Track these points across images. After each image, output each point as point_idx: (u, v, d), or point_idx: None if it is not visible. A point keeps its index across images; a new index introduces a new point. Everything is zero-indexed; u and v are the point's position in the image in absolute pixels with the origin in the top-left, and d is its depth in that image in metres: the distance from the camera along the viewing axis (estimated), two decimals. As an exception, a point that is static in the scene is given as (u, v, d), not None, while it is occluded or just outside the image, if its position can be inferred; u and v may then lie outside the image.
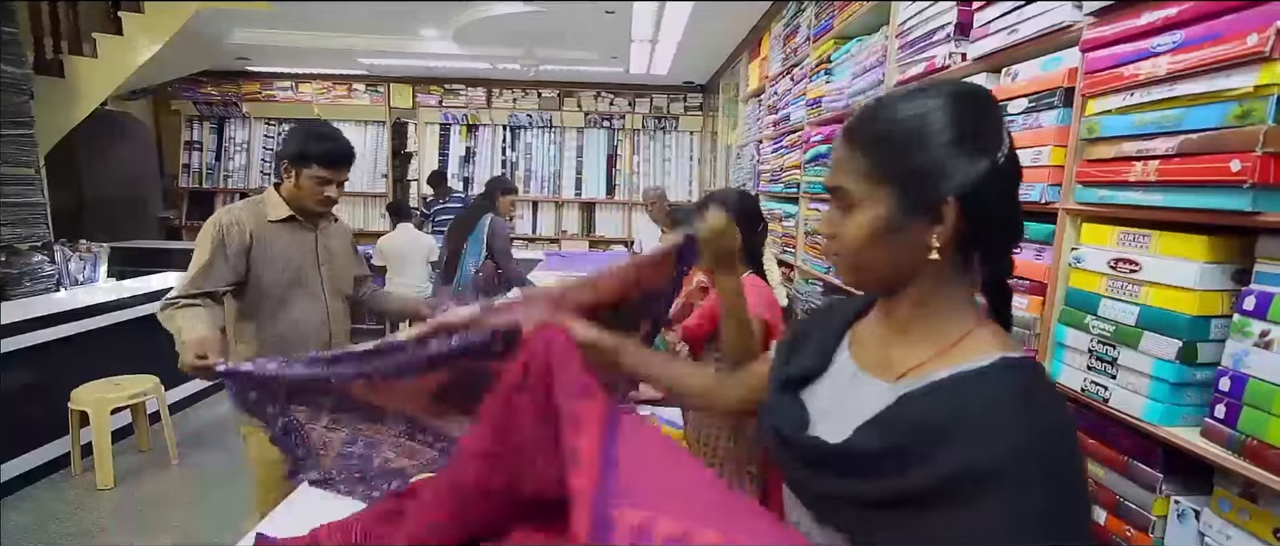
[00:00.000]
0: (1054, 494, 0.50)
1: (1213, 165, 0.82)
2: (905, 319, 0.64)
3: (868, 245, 0.61)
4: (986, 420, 0.53)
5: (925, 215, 0.58)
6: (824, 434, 0.63)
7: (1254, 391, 0.78)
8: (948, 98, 0.58)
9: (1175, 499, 0.92)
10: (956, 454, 0.52)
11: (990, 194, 0.57)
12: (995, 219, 0.59)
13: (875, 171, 0.59)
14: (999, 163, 0.57)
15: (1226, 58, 0.81)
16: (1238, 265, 0.86)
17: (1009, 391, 0.55)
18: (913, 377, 0.60)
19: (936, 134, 0.57)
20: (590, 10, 3.86)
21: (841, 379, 0.68)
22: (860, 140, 0.61)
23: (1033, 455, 0.51)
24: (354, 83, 6.48)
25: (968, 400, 0.55)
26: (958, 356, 0.59)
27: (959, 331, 0.61)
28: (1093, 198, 1.04)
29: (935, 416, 0.55)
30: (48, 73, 4.07)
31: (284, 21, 4.75)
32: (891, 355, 0.64)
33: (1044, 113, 1.17)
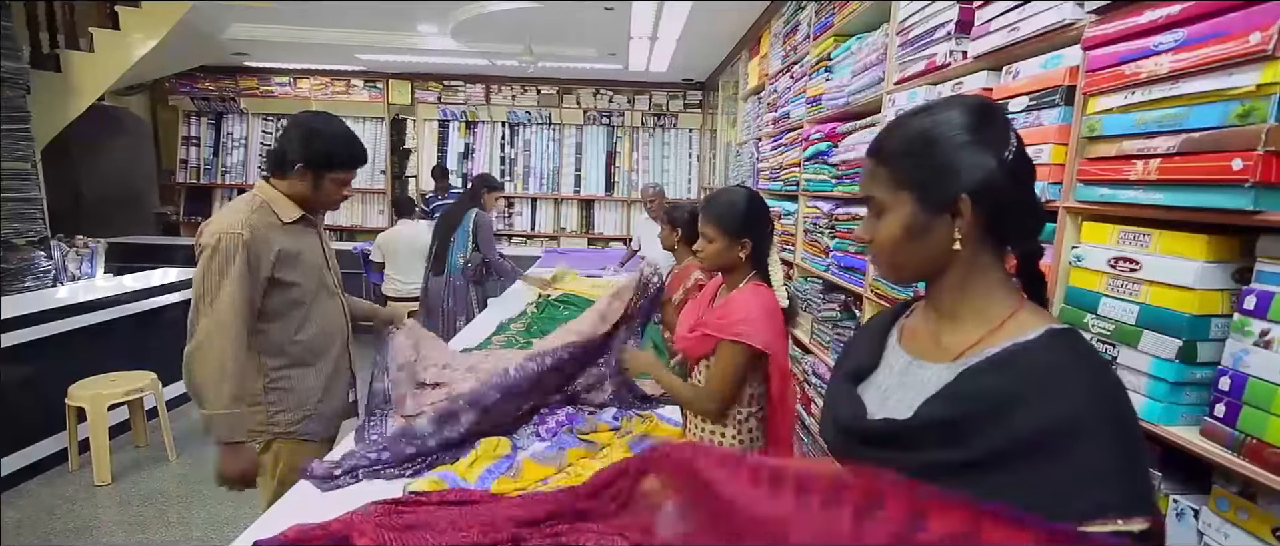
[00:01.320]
0: (1124, 441, 0.56)
1: (1214, 164, 0.82)
2: (950, 306, 0.71)
3: (899, 244, 0.69)
4: (1051, 382, 0.58)
5: (944, 212, 0.66)
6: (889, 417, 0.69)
7: (1254, 390, 0.78)
8: (956, 109, 0.66)
9: (1174, 498, 0.92)
10: (1029, 413, 0.57)
11: (1001, 187, 0.65)
12: (1011, 209, 0.67)
13: (896, 179, 0.68)
14: (1006, 159, 0.65)
15: (1228, 56, 0.80)
16: (1238, 264, 0.86)
17: (1066, 356, 0.61)
18: (969, 356, 0.66)
19: (947, 141, 0.65)
20: (589, 7, 3.85)
21: (896, 369, 0.74)
22: (882, 153, 0.70)
23: (1100, 409, 0.57)
24: (352, 78, 6.46)
25: (1028, 366, 0.61)
26: (1008, 332, 0.65)
27: (1003, 312, 0.67)
28: (1093, 196, 1.04)
29: (1000, 384, 0.61)
30: (44, 67, 4.06)
31: (282, 17, 4.73)
32: (944, 340, 0.71)
33: (1045, 111, 1.17)
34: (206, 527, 2.58)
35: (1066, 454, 0.55)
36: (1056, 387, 0.58)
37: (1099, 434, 0.55)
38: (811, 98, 2.53)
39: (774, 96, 3.17)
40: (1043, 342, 0.62)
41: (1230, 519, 0.83)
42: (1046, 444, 0.56)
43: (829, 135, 2.32)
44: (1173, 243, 0.90)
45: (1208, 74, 0.84)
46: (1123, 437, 0.56)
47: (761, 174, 3.34)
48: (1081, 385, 0.58)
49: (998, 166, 0.64)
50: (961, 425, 0.61)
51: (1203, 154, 0.84)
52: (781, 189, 2.93)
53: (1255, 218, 0.79)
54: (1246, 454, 0.79)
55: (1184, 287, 0.87)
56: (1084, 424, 0.55)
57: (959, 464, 0.60)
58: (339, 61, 6.05)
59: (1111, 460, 0.55)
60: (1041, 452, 0.56)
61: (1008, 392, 0.59)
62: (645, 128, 6.69)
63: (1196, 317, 0.86)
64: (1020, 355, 0.62)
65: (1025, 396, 0.58)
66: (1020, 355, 0.62)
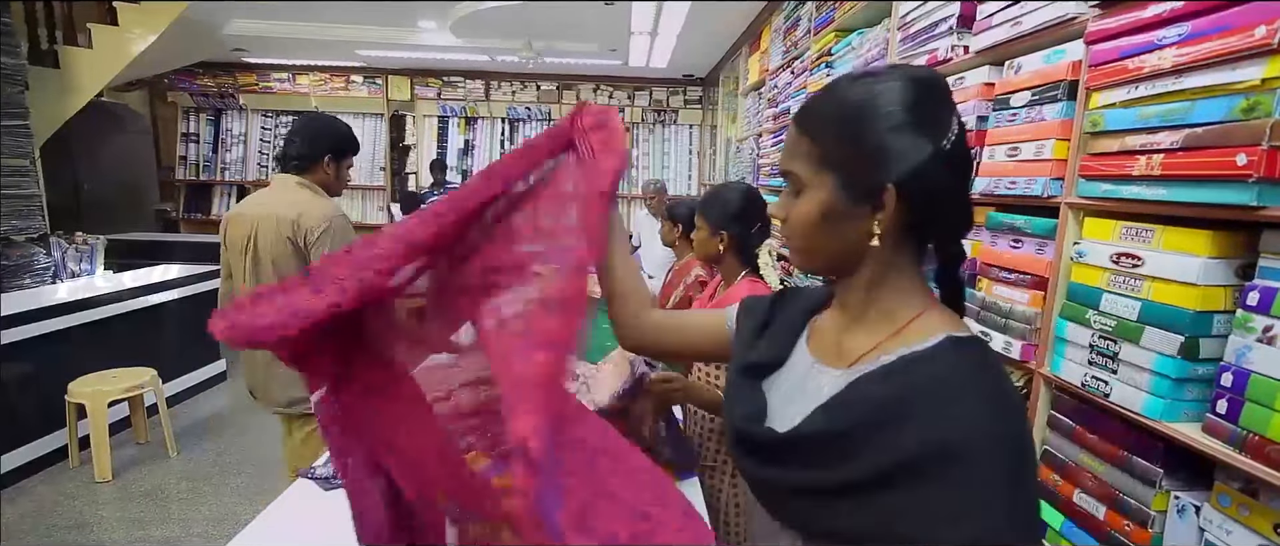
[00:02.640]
0: (1012, 466, 0.51)
1: (1218, 159, 0.81)
2: (857, 306, 0.64)
3: (813, 229, 0.62)
4: (942, 397, 0.53)
5: (866, 201, 0.58)
6: (779, 425, 0.63)
7: (1256, 387, 0.78)
8: (895, 83, 0.57)
9: (1175, 494, 0.92)
10: (913, 433, 0.52)
11: (933, 181, 0.57)
12: (939, 206, 0.59)
13: (819, 157, 0.60)
14: (944, 149, 0.57)
15: (1232, 51, 0.80)
16: (1241, 260, 0.85)
17: (962, 369, 0.55)
18: (864, 363, 0.61)
19: (879, 119, 0.57)
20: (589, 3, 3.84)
21: (799, 370, 0.68)
22: (808, 125, 0.62)
23: (990, 430, 0.51)
24: (352, 74, 6.45)
25: (920, 379, 0.55)
26: (907, 338, 0.60)
27: (908, 315, 0.61)
28: (1096, 192, 1.03)
29: (887, 397, 0.55)
30: (43, 64, 4.04)
31: (281, 13, 4.72)
32: (845, 343, 0.65)
33: (1047, 106, 1.16)
34: (207, 524, 2.58)
35: (949, 477, 0.50)
36: (946, 404, 0.52)
37: (986, 458, 0.50)
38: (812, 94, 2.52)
39: (774, 92, 3.16)
40: (939, 352, 0.56)
41: (1232, 515, 0.83)
42: (928, 465, 0.50)
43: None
44: (1175, 238, 0.90)
45: (1211, 68, 0.84)
46: (1011, 463, 0.51)
47: (762, 169, 3.33)
48: (974, 402, 0.52)
49: (933, 155, 0.56)
50: (843, 441, 0.55)
51: (1206, 149, 0.83)
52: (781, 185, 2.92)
53: (1259, 213, 0.78)
54: (1248, 450, 0.78)
55: (1186, 283, 0.87)
56: (970, 446, 0.50)
57: (838, 484, 0.55)
58: (339, 57, 6.04)
59: (995, 487, 0.49)
60: (922, 474, 0.51)
61: (895, 406, 0.54)
62: (646, 123, 6.67)
63: (1199, 314, 0.86)
64: (914, 365, 0.56)
65: (912, 412, 0.53)
66: (914, 365, 0.56)
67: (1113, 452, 1.01)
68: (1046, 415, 1.16)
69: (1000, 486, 0.50)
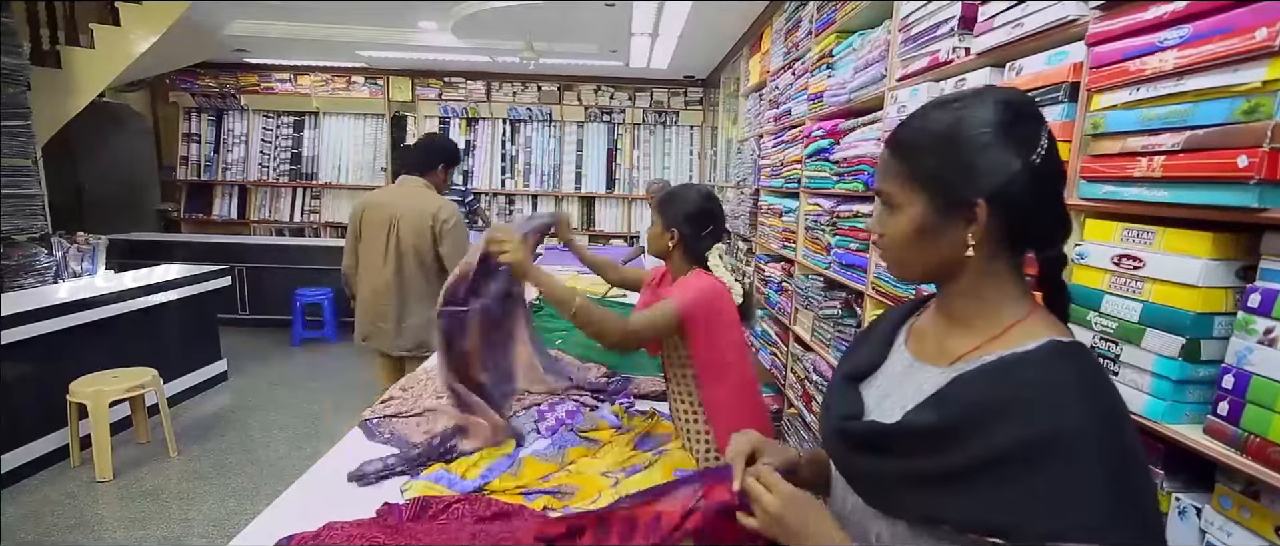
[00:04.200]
0: (1114, 464, 0.53)
1: (1219, 161, 0.81)
2: (960, 310, 0.68)
3: (908, 243, 0.66)
4: (1042, 396, 0.56)
5: (959, 215, 0.63)
6: (879, 419, 0.67)
7: (1257, 389, 0.78)
8: (983, 104, 0.62)
9: (1176, 496, 0.91)
10: (1016, 427, 0.55)
11: (1022, 194, 0.61)
12: (1033, 214, 0.63)
13: (911, 175, 0.65)
14: (1033, 163, 0.61)
15: (1234, 52, 0.80)
16: (1243, 261, 0.85)
17: (1065, 373, 0.58)
18: (965, 361, 0.64)
19: (967, 140, 0.61)
20: (590, 4, 3.84)
21: (897, 369, 0.72)
22: (899, 146, 0.67)
23: (1090, 428, 0.54)
24: (353, 75, 6.46)
25: (1021, 379, 0.58)
26: (1009, 340, 0.63)
27: (1011, 320, 0.65)
28: (1097, 193, 1.03)
29: (988, 393, 0.58)
30: (44, 64, 4.05)
31: (283, 13, 4.73)
32: (947, 344, 0.68)
33: (1048, 108, 1.16)
34: (207, 524, 2.58)
35: (1048, 470, 0.52)
36: (1048, 402, 0.55)
37: (1085, 453, 0.52)
38: (813, 94, 2.52)
39: (775, 93, 3.17)
40: (1042, 354, 0.59)
41: (1233, 517, 0.83)
42: (1029, 458, 0.53)
43: (830, 132, 2.31)
44: (1177, 240, 0.90)
45: (1213, 70, 0.83)
46: (1112, 460, 0.53)
47: (763, 171, 3.33)
48: (1074, 402, 0.55)
49: (1022, 169, 0.60)
50: (944, 433, 0.59)
51: (1207, 151, 0.83)
52: (783, 186, 2.92)
53: (1260, 215, 0.78)
54: (1250, 452, 0.78)
55: (1188, 285, 0.87)
56: (1069, 441, 0.53)
57: (938, 473, 0.58)
58: (340, 58, 6.05)
59: (1095, 482, 0.51)
60: (1023, 466, 0.53)
61: (994, 403, 0.57)
62: (646, 124, 6.68)
63: (1200, 315, 0.86)
64: (1015, 365, 0.59)
65: (1015, 408, 0.56)
66: (1015, 365, 0.59)
67: (1114, 454, 1.01)
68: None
69: (1100, 482, 0.52)
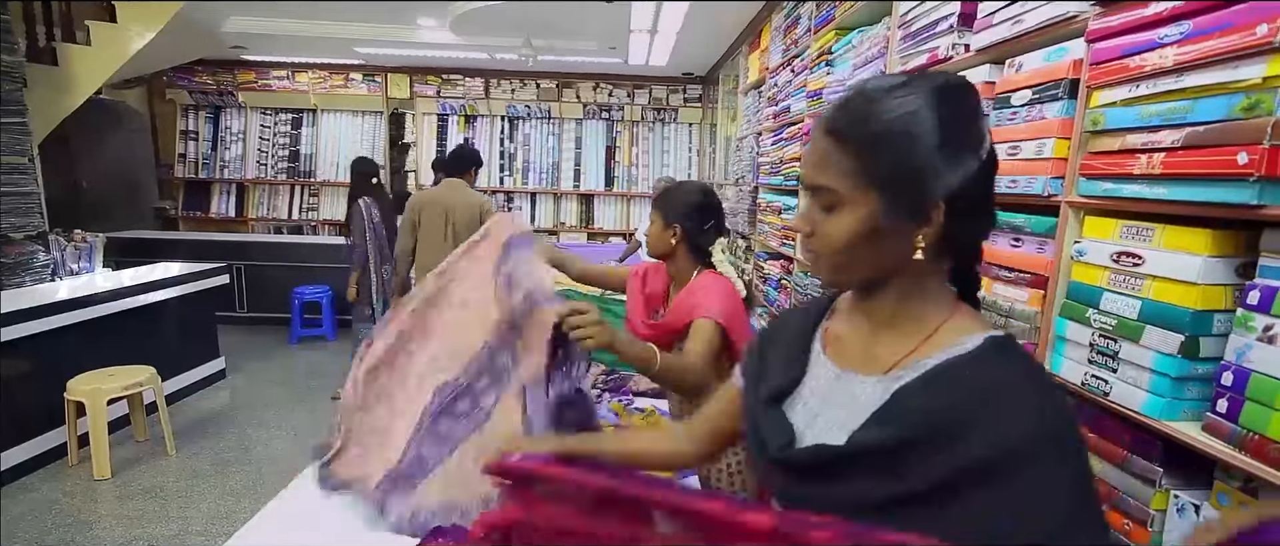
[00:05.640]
0: (1073, 465, 0.52)
1: (1219, 158, 0.81)
2: (887, 314, 0.63)
3: (852, 246, 0.59)
4: (996, 403, 0.54)
5: (913, 217, 0.58)
6: (817, 438, 0.62)
7: (1256, 386, 0.78)
8: (935, 95, 0.57)
9: (1175, 493, 0.92)
10: (974, 440, 0.52)
11: (974, 192, 0.58)
12: (976, 215, 0.61)
13: (864, 173, 0.58)
14: (984, 160, 0.58)
15: (1234, 49, 0.80)
16: (1242, 259, 0.85)
17: (1011, 372, 0.56)
18: (902, 369, 0.60)
19: (926, 136, 0.56)
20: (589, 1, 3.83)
21: (823, 383, 0.66)
22: (847, 139, 0.59)
23: (1049, 432, 0.52)
24: (351, 72, 6.43)
25: (972, 383, 0.56)
26: (942, 341, 0.60)
27: (939, 319, 0.62)
28: (1096, 191, 1.03)
29: (943, 404, 0.55)
30: (41, 61, 4.03)
31: (280, 10, 4.71)
32: (875, 350, 0.64)
33: (1047, 104, 1.16)
34: (206, 521, 2.58)
35: (1014, 482, 0.50)
36: (1001, 409, 0.53)
37: (1048, 459, 0.51)
38: (812, 92, 2.52)
39: (774, 91, 3.16)
40: (982, 355, 0.57)
41: (1232, 514, 0.83)
42: (993, 472, 0.51)
43: (829, 129, 2.30)
44: (1176, 237, 0.90)
45: (1213, 67, 0.83)
46: (1073, 461, 0.52)
47: (761, 168, 3.33)
48: (1028, 406, 0.53)
49: (976, 168, 0.57)
50: (900, 453, 0.55)
51: (1207, 148, 0.83)
52: (782, 183, 2.92)
53: (1260, 212, 0.78)
54: (1249, 449, 0.78)
55: (1187, 282, 0.87)
56: (1032, 450, 0.51)
57: (900, 496, 0.54)
58: (337, 55, 6.03)
59: (1062, 487, 0.51)
60: (987, 482, 0.51)
61: (949, 415, 0.54)
62: (645, 122, 6.67)
63: (1199, 313, 0.86)
64: (959, 369, 0.57)
65: (972, 418, 0.53)
66: (959, 369, 0.57)
67: (1112, 451, 1.01)
68: (1046, 414, 1.16)
69: (1065, 484, 0.51)
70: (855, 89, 0.61)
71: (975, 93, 0.60)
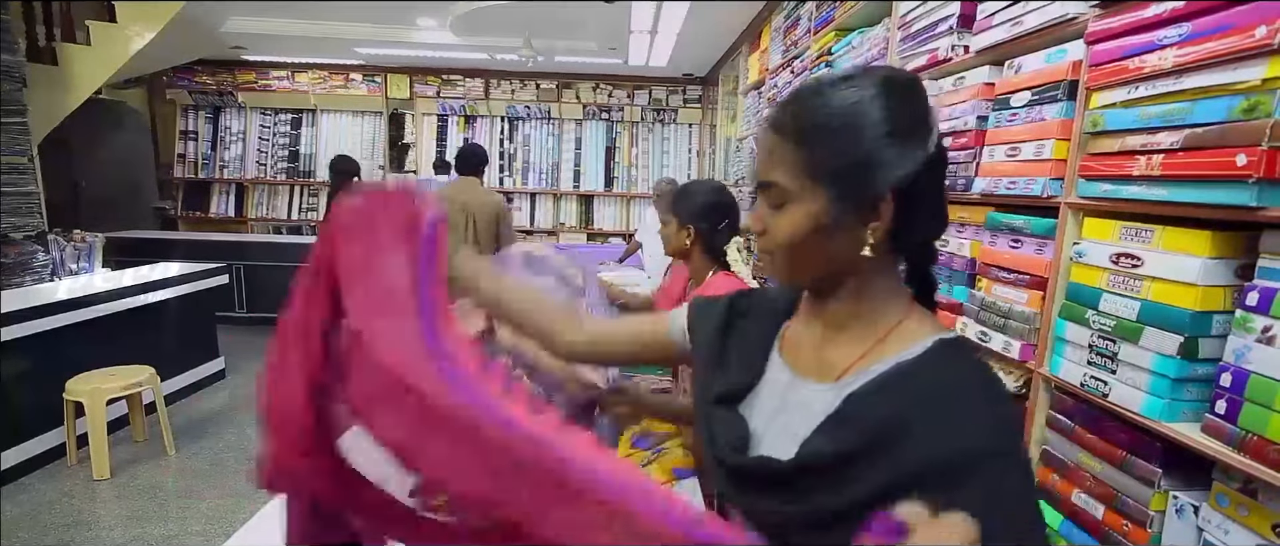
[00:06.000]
0: (1016, 473, 0.52)
1: (1218, 159, 0.81)
2: (839, 316, 0.62)
3: (801, 242, 0.59)
4: (941, 408, 0.53)
5: (861, 210, 0.57)
6: (769, 450, 0.60)
7: (1255, 387, 0.78)
8: (879, 86, 0.56)
9: (1174, 494, 0.92)
10: (917, 449, 0.51)
11: (923, 185, 0.57)
12: (927, 209, 0.59)
13: (809, 166, 0.57)
14: (932, 153, 0.56)
15: (1233, 51, 0.80)
16: (1241, 260, 0.86)
17: (956, 374, 0.56)
18: (852, 376, 0.59)
19: (872, 126, 0.55)
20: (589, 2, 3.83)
21: (778, 388, 0.65)
22: (791, 133, 0.58)
23: (993, 439, 0.52)
24: (351, 73, 6.44)
25: (918, 389, 0.55)
26: (893, 346, 0.59)
27: (891, 320, 0.60)
28: (1095, 192, 1.03)
29: (888, 413, 0.54)
30: (41, 61, 4.03)
31: (280, 11, 4.71)
32: (827, 355, 0.62)
33: (1047, 106, 1.16)
34: (205, 521, 2.58)
35: (958, 487, 0.49)
36: (945, 416, 0.52)
37: (991, 467, 0.50)
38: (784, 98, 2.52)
39: (774, 91, 3.16)
40: (930, 358, 0.56)
41: (1231, 515, 0.83)
42: (935, 481, 0.49)
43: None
44: (1175, 239, 0.90)
45: (1212, 69, 0.84)
46: (1016, 467, 0.51)
47: (761, 169, 3.33)
48: (973, 411, 0.52)
49: (924, 160, 0.56)
50: (849, 462, 0.54)
51: (1206, 149, 0.83)
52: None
53: (1258, 213, 0.78)
54: (1247, 450, 0.79)
55: (1186, 284, 0.87)
56: (975, 456, 0.50)
57: (844, 506, 0.52)
58: (337, 55, 6.03)
59: (1006, 492, 0.50)
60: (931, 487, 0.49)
61: (895, 420, 0.53)
62: (645, 122, 6.67)
63: (1198, 314, 0.86)
64: (907, 374, 0.56)
65: (914, 425, 0.52)
66: (907, 374, 0.56)
67: (1112, 452, 1.01)
68: (1045, 415, 1.16)
69: (1009, 490, 0.50)
70: (800, 85, 0.61)
71: (921, 87, 0.59)
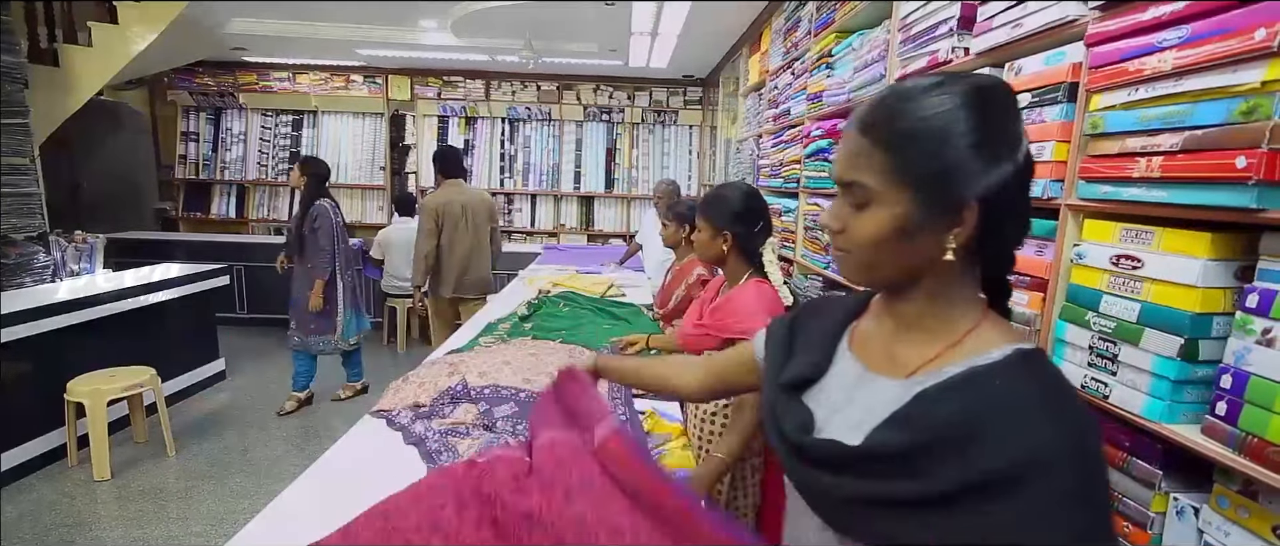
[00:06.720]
0: (1088, 480, 0.51)
1: (1217, 161, 0.81)
2: (913, 316, 0.63)
3: (882, 244, 0.59)
4: (1015, 414, 0.53)
5: (945, 216, 0.57)
6: (835, 436, 0.62)
7: (1255, 389, 0.78)
8: (972, 95, 0.57)
9: (1174, 495, 0.92)
10: (989, 450, 0.52)
11: (1010, 195, 0.58)
12: (1011, 218, 0.60)
13: (897, 171, 0.58)
14: (1020, 163, 0.58)
15: (1233, 53, 0.80)
16: (1241, 262, 0.86)
17: (1034, 384, 0.55)
18: (925, 374, 0.60)
19: (962, 135, 0.56)
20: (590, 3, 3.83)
21: (847, 379, 0.67)
22: (882, 136, 0.59)
23: (1066, 445, 0.51)
24: (352, 74, 6.44)
25: (993, 393, 0.55)
26: (969, 349, 0.59)
27: (966, 324, 0.61)
28: (1095, 194, 1.03)
29: (959, 412, 0.55)
30: (42, 62, 4.03)
31: (281, 12, 4.72)
32: (899, 352, 0.64)
33: (1047, 108, 1.16)
34: (205, 522, 2.58)
35: (1024, 492, 0.50)
36: (1020, 421, 0.52)
37: (1059, 476, 0.50)
38: (812, 94, 2.52)
39: (774, 93, 3.17)
40: (1007, 366, 0.56)
41: (1231, 517, 0.83)
42: (1002, 482, 0.50)
43: (830, 132, 2.31)
44: (1175, 240, 0.90)
45: (1212, 71, 0.84)
46: (1085, 481, 0.51)
47: (762, 171, 3.33)
48: (1048, 418, 0.52)
49: (1012, 172, 0.57)
50: (916, 456, 0.55)
51: (1206, 151, 0.83)
52: (782, 186, 2.92)
53: (1258, 215, 0.78)
54: (1248, 452, 0.79)
55: (1186, 285, 0.87)
56: (1046, 461, 0.50)
57: (912, 498, 0.54)
58: (338, 57, 6.03)
59: (1068, 504, 0.50)
60: (996, 491, 0.51)
61: (968, 423, 0.53)
62: (645, 124, 6.67)
63: (1198, 315, 0.86)
64: (981, 378, 0.56)
65: (986, 428, 0.53)
66: (981, 378, 0.56)
67: (1112, 454, 1.01)
68: (1046, 416, 1.16)
69: (1073, 504, 0.50)
70: (890, 88, 0.61)
71: (1012, 96, 0.59)
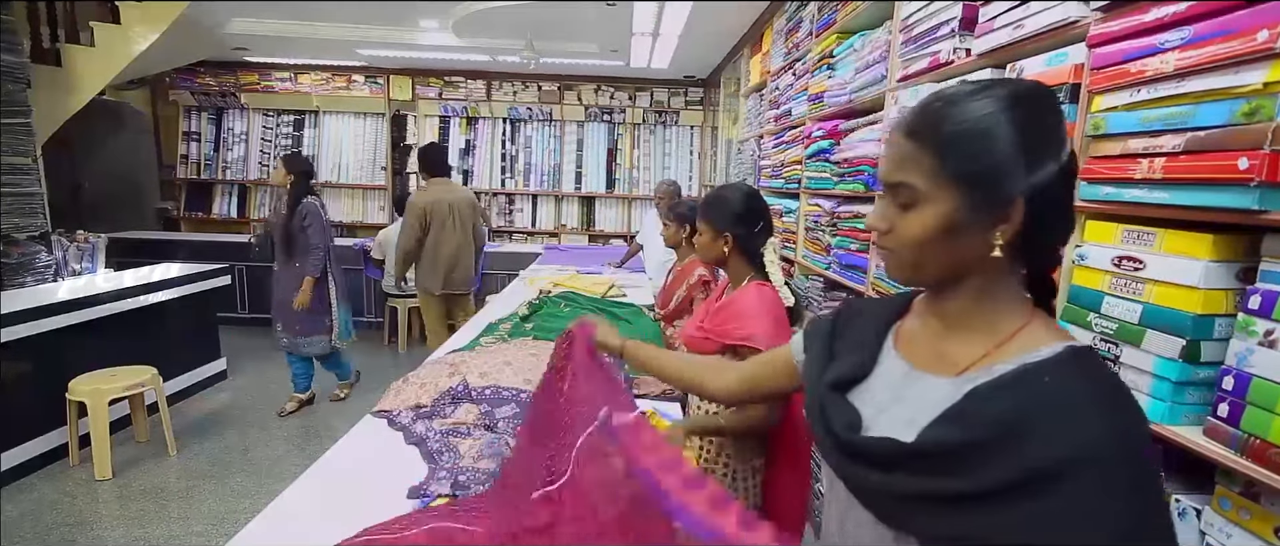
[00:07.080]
0: (1135, 478, 0.51)
1: (1220, 162, 0.81)
2: (959, 314, 0.65)
3: (929, 242, 0.61)
4: (1065, 411, 0.54)
5: (992, 214, 0.59)
6: (885, 434, 0.63)
7: (1257, 390, 0.78)
8: (1015, 98, 0.58)
9: (1176, 497, 0.92)
10: (1038, 445, 0.52)
11: (1054, 193, 0.59)
12: (1055, 216, 0.61)
13: (944, 170, 0.59)
14: (1064, 161, 0.59)
15: (1235, 54, 0.80)
16: (1243, 263, 0.86)
17: (1085, 382, 0.56)
18: (976, 372, 0.61)
19: (1007, 135, 0.57)
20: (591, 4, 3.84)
21: (893, 378, 0.68)
22: (928, 139, 0.60)
23: (1114, 444, 0.52)
24: (353, 74, 6.45)
25: (1043, 391, 0.56)
26: (1020, 347, 0.60)
27: (1014, 323, 0.62)
28: (1097, 195, 1.03)
29: (1011, 409, 0.55)
30: (44, 62, 4.04)
31: (283, 12, 4.72)
32: (946, 350, 0.65)
33: (1049, 109, 1.16)
34: (207, 522, 2.58)
35: (1071, 490, 0.50)
36: (1070, 417, 0.53)
37: (1110, 470, 0.50)
38: (814, 95, 2.52)
39: (776, 94, 3.17)
40: (1058, 363, 0.57)
41: (1233, 519, 0.83)
42: (1052, 478, 0.51)
43: (831, 133, 2.31)
44: (1177, 242, 0.90)
45: (1214, 72, 0.84)
46: (1136, 474, 0.51)
47: (763, 171, 3.33)
48: (1098, 415, 0.53)
49: (1057, 169, 0.58)
50: (969, 452, 0.56)
51: (1208, 153, 0.83)
52: (783, 186, 2.92)
53: (1260, 217, 0.78)
54: (1249, 454, 0.79)
55: (1188, 287, 0.87)
56: (1094, 458, 0.51)
57: (964, 493, 0.55)
58: (340, 57, 6.04)
59: (1119, 501, 0.50)
60: (1046, 487, 0.51)
61: (1018, 419, 0.54)
62: (646, 124, 6.67)
63: (1200, 317, 0.86)
64: (1032, 375, 0.57)
65: (1036, 425, 0.53)
66: (1032, 375, 0.57)
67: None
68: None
69: (1121, 502, 0.50)
70: (934, 94, 0.63)
71: (1055, 100, 0.61)
